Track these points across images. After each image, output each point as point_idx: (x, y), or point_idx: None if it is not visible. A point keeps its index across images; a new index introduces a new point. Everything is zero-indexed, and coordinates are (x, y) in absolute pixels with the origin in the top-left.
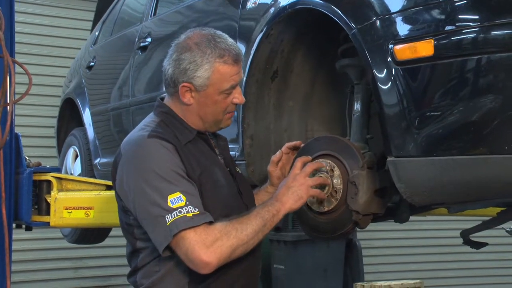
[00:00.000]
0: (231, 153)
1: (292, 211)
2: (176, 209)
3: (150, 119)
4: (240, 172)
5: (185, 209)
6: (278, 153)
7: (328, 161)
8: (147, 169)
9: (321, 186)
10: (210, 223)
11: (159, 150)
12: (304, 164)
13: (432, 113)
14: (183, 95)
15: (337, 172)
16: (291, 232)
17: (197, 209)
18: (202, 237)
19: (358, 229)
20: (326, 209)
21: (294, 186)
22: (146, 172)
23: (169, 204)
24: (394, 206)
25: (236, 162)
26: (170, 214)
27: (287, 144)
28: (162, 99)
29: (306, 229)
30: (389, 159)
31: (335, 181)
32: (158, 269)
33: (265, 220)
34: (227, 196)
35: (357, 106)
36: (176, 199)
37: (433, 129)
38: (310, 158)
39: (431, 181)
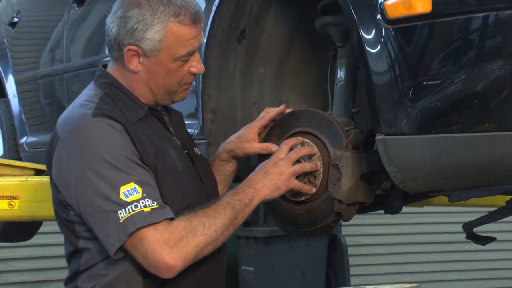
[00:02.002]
0: (188, 130)
1: (267, 200)
2: (131, 202)
3: (91, 91)
4: (199, 153)
5: (142, 202)
6: (263, 121)
7: (306, 140)
8: (93, 155)
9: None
10: (172, 218)
11: (106, 131)
12: (292, 149)
13: (429, 82)
14: (129, 61)
15: (316, 153)
16: (262, 226)
17: (155, 202)
18: (164, 236)
19: (343, 223)
20: (303, 197)
21: (274, 173)
22: (92, 159)
23: (122, 197)
24: (384, 194)
25: (195, 141)
26: (124, 209)
27: (269, 116)
28: (105, 66)
29: (280, 222)
30: (379, 137)
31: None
32: (106, 273)
33: (237, 211)
34: (187, 184)
35: (340, 74)
36: (131, 191)
37: (430, 102)
38: (300, 140)
39: (428, 164)
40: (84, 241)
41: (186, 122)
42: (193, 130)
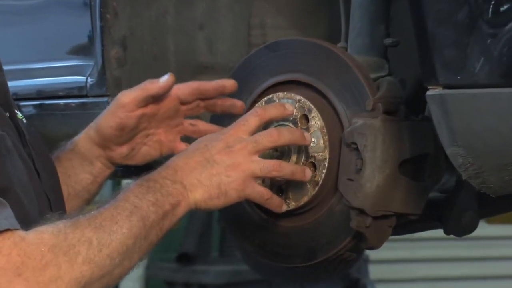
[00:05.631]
0: (74, 78)
1: (202, 209)
2: None
3: None
4: (24, 120)
5: None
6: (167, 79)
7: (299, 97)
8: None
9: (281, 151)
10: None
11: None
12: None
13: None
14: None
15: (317, 121)
16: (216, 264)
17: None
18: (14, 260)
19: (369, 255)
20: (294, 204)
21: (221, 163)
22: None
23: None
24: (444, 198)
25: (90, 100)
26: None
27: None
28: None
29: (251, 253)
30: (432, 92)
31: (312, 141)
32: None
33: (150, 224)
34: (20, 173)
35: None
36: None
37: None
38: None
39: None
40: None
41: (71, 64)
42: (84, 78)
